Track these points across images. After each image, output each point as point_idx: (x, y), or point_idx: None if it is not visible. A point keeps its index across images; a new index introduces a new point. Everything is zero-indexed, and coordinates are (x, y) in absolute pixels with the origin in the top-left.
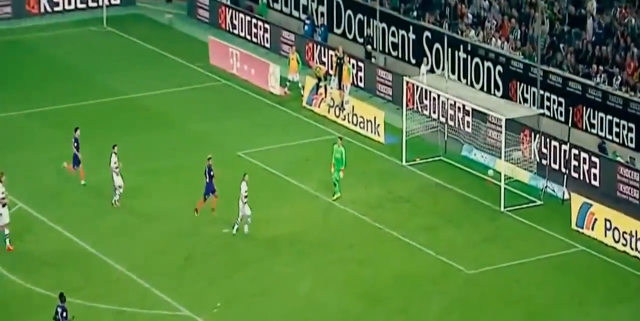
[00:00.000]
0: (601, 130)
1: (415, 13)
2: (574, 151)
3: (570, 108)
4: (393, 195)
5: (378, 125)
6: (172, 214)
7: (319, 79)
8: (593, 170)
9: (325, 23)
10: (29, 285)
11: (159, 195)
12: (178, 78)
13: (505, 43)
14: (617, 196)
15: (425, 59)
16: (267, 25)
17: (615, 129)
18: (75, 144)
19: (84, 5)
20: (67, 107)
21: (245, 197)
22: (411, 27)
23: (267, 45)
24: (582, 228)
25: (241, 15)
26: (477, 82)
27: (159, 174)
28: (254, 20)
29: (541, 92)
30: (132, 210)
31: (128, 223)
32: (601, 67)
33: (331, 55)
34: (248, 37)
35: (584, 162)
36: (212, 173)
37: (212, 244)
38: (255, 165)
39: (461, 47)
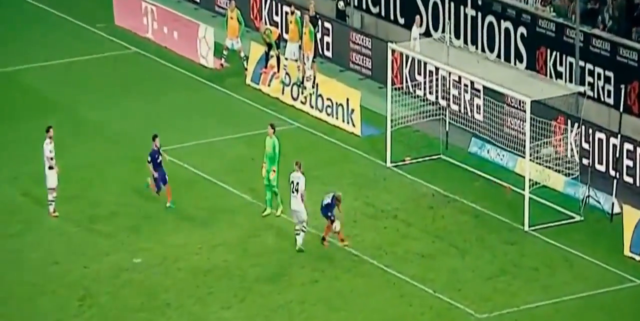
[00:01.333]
0: None
1: None
2: (627, 146)
3: (622, 86)
4: (374, 208)
5: (352, 110)
6: (59, 237)
7: (269, 46)
8: None
9: None
10: None
11: (39, 210)
12: (70, 45)
13: None
14: None
15: (418, 18)
16: None
17: None
18: (156, 156)
19: None
20: None
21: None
22: None
23: None
24: (639, 254)
25: None
26: (491, 50)
27: (42, 179)
28: None
29: (581, 63)
30: (3, 231)
31: None
32: None
33: (286, 13)
34: None
35: None
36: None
37: (118, 279)
38: (179, 167)
39: (469, 0)
